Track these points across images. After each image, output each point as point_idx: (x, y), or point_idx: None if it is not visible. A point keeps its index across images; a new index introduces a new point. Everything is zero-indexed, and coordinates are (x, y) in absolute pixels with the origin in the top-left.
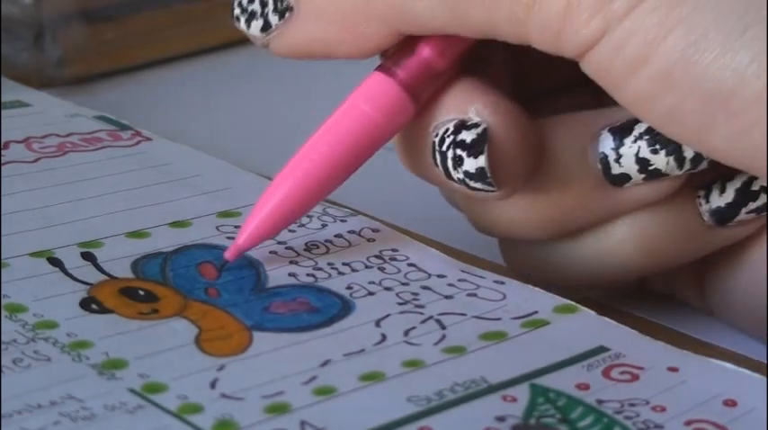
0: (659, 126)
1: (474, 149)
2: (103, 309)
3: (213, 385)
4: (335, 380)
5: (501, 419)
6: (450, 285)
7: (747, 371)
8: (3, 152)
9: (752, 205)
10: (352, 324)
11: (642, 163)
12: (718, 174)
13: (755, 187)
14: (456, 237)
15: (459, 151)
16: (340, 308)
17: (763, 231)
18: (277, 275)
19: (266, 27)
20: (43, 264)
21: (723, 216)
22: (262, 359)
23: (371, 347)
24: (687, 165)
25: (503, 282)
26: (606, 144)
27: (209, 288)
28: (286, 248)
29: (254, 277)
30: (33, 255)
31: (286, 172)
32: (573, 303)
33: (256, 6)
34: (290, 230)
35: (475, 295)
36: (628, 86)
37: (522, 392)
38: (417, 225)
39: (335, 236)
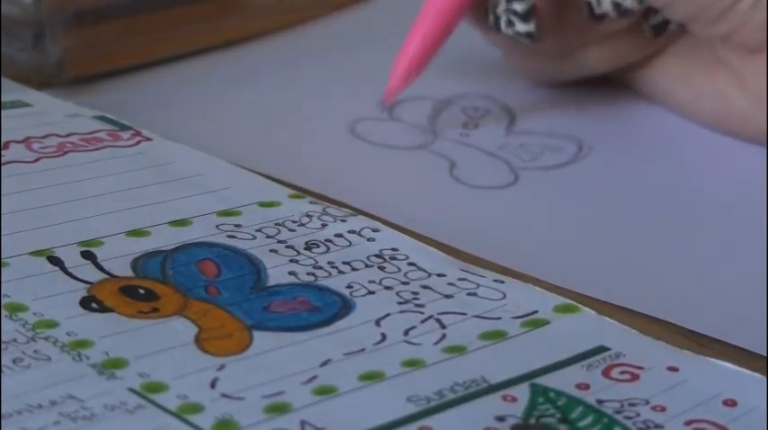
0: None
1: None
2: (103, 308)
3: (213, 385)
4: (335, 379)
5: (501, 419)
6: (450, 284)
7: (747, 371)
8: (3, 152)
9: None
10: (352, 323)
11: (616, 6)
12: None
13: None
14: (456, 237)
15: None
16: (340, 307)
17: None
18: (277, 274)
19: None
20: (43, 263)
21: (659, 30)
22: (262, 358)
23: (371, 347)
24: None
25: (503, 282)
26: None
27: (209, 286)
28: (286, 247)
29: (253, 275)
30: (33, 254)
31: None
32: (573, 303)
33: None
34: (289, 230)
35: (475, 294)
36: None
37: (522, 392)
38: (417, 225)
39: (336, 235)
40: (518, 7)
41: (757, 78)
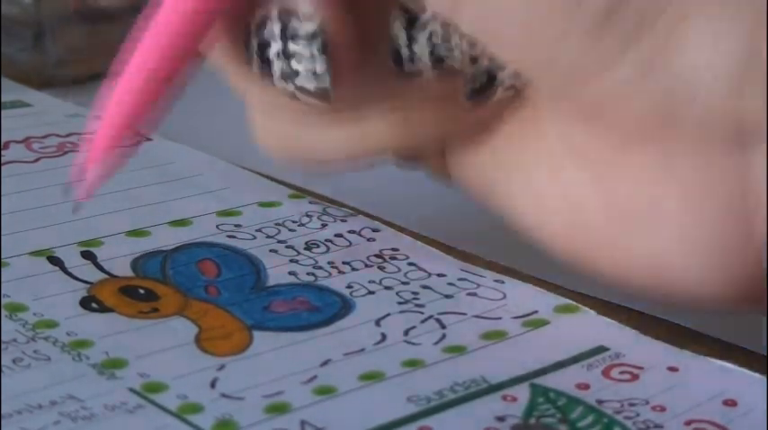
0: None
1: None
2: (104, 308)
3: (213, 385)
4: (335, 379)
5: (501, 419)
6: (450, 284)
7: (747, 371)
8: (3, 152)
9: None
10: (352, 323)
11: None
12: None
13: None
14: (456, 237)
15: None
16: (340, 307)
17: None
18: (277, 274)
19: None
20: (43, 263)
21: (479, 94)
22: (262, 358)
23: (371, 347)
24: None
25: (503, 282)
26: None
27: (209, 286)
28: (286, 247)
29: (253, 275)
30: (33, 254)
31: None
32: (573, 303)
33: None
34: (289, 230)
35: (475, 294)
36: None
37: (522, 392)
38: (417, 225)
39: (336, 235)
40: (299, 47)
41: (628, 177)
